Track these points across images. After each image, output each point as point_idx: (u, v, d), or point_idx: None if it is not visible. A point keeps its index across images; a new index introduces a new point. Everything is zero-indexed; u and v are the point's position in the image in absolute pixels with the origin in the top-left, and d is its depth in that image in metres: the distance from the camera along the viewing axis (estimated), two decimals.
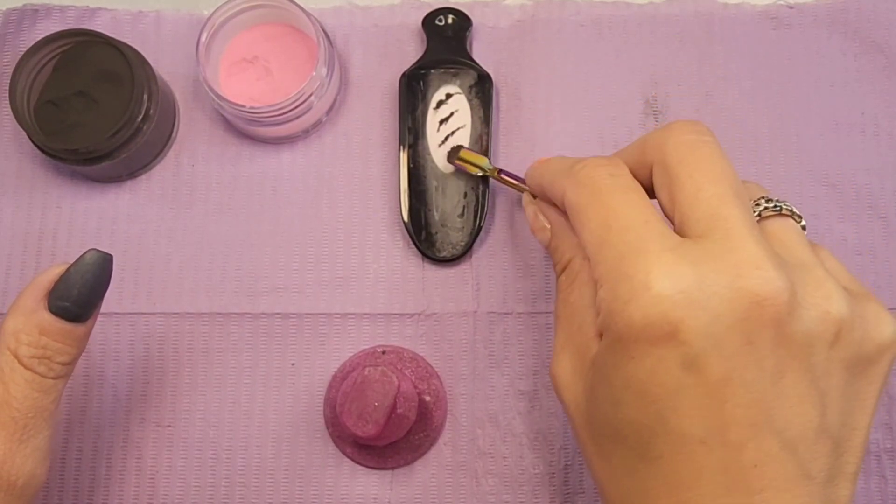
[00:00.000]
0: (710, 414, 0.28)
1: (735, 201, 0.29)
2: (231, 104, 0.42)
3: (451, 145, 0.44)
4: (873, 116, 0.45)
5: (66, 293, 0.32)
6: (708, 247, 0.28)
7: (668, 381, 0.28)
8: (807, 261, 0.30)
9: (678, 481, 0.28)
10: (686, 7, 0.47)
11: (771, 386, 0.28)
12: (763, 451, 0.27)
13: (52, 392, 0.33)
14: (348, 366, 0.43)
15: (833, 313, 0.28)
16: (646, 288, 0.28)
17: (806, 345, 0.28)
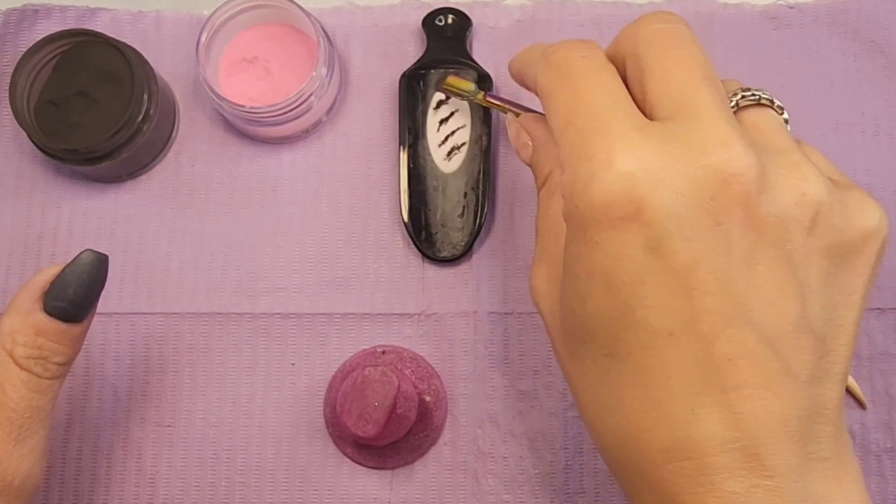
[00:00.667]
0: (677, 303, 0.26)
1: (704, 83, 0.28)
2: (231, 104, 0.42)
3: (451, 145, 0.44)
4: (873, 116, 0.45)
5: (61, 293, 0.32)
6: (674, 127, 0.27)
7: (632, 266, 0.26)
8: (786, 147, 0.28)
9: (649, 379, 0.27)
10: (686, 7, 0.47)
11: (743, 273, 0.26)
12: (737, 344, 0.26)
13: (48, 392, 0.33)
14: (348, 366, 0.43)
15: (810, 195, 0.27)
16: (607, 166, 0.26)
17: (780, 229, 0.26)
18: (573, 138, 0.28)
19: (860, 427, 0.43)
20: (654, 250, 0.26)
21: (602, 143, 0.27)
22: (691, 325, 0.26)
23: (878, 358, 0.43)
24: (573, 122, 0.28)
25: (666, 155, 0.26)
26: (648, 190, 0.26)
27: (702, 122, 0.27)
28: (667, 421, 0.26)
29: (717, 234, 0.26)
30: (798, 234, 0.27)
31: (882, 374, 0.43)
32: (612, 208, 0.26)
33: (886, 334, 0.43)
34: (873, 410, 0.43)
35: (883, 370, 0.43)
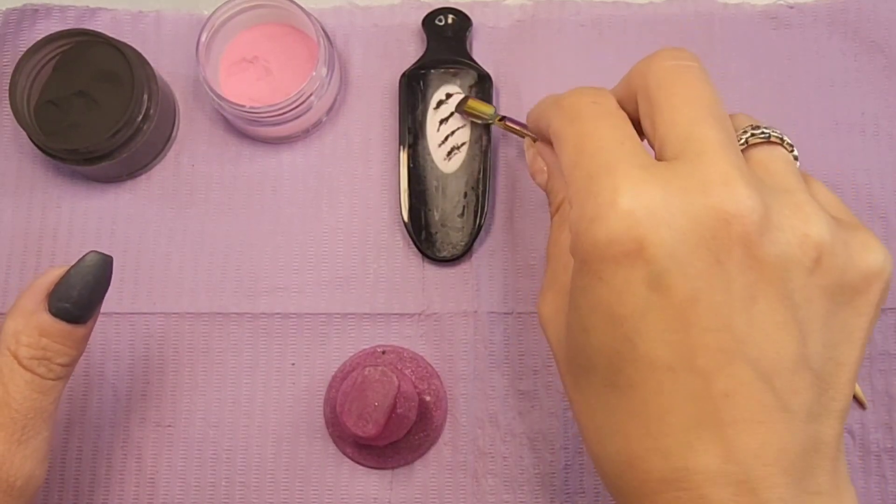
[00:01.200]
0: (677, 338, 0.27)
1: (711, 122, 0.28)
2: (231, 104, 0.42)
3: (451, 145, 0.44)
4: (873, 116, 0.45)
5: (66, 295, 0.33)
6: (679, 166, 0.27)
7: (634, 301, 0.27)
8: (791, 187, 0.29)
9: (648, 411, 0.27)
10: (686, 7, 0.47)
11: (742, 311, 0.27)
12: (735, 380, 0.26)
13: (51, 393, 0.33)
14: (348, 366, 0.43)
15: (812, 236, 0.27)
16: (611, 205, 0.27)
17: (781, 269, 0.27)
18: (580, 176, 0.29)
19: (860, 427, 0.43)
20: (655, 286, 0.27)
21: (607, 182, 0.27)
22: (690, 360, 0.27)
23: (878, 358, 0.43)
24: (580, 161, 0.29)
25: (668, 194, 0.27)
26: (650, 228, 0.26)
27: (705, 162, 0.27)
28: (664, 452, 0.27)
29: (716, 271, 0.26)
30: (799, 274, 0.27)
31: (882, 374, 0.43)
32: (615, 246, 0.27)
33: (886, 334, 0.43)
34: (873, 410, 0.43)
35: (883, 370, 0.43)
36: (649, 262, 0.26)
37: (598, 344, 0.28)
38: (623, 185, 0.27)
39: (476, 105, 0.43)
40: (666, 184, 0.27)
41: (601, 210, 0.27)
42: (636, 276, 0.27)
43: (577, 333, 0.29)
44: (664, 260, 0.26)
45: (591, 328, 0.28)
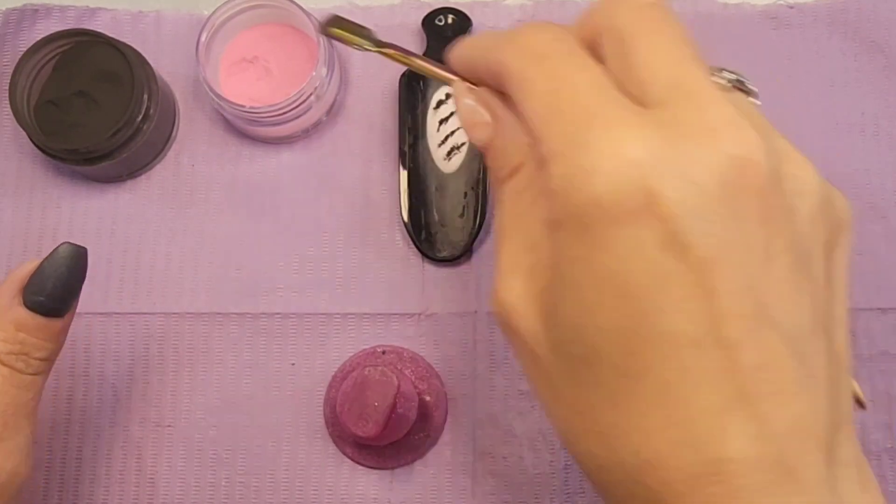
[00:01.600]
0: (700, 306, 0.23)
1: (697, 63, 0.25)
2: (231, 104, 0.42)
3: (451, 145, 0.44)
4: (873, 116, 0.45)
5: (40, 287, 0.32)
6: (675, 111, 0.24)
7: (648, 267, 0.23)
8: (772, 132, 0.26)
9: (671, 398, 0.24)
10: (686, 7, 0.47)
11: (762, 270, 0.24)
12: (765, 350, 0.23)
13: (31, 388, 0.33)
14: (348, 366, 0.43)
15: (811, 184, 0.25)
16: (612, 154, 0.23)
17: (791, 220, 0.24)
18: (562, 127, 0.25)
19: (860, 427, 0.43)
20: (671, 247, 0.23)
21: (601, 129, 0.24)
22: (716, 331, 0.23)
23: (878, 358, 0.43)
24: (559, 108, 0.25)
25: (675, 141, 0.23)
26: (660, 179, 0.23)
27: (705, 105, 0.24)
28: (695, 443, 0.24)
29: (735, 225, 0.23)
30: (805, 225, 0.25)
31: (882, 374, 0.43)
32: (622, 203, 0.23)
33: (886, 334, 0.43)
34: (873, 410, 0.43)
35: (883, 370, 0.43)
36: (663, 218, 0.23)
37: (604, 325, 0.24)
38: (623, 130, 0.23)
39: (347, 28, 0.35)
40: (669, 129, 0.24)
41: (599, 161, 0.23)
42: (648, 236, 0.23)
43: (576, 317, 0.25)
44: (680, 215, 0.23)
45: (597, 307, 0.24)
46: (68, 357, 0.43)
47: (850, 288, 0.39)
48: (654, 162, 0.23)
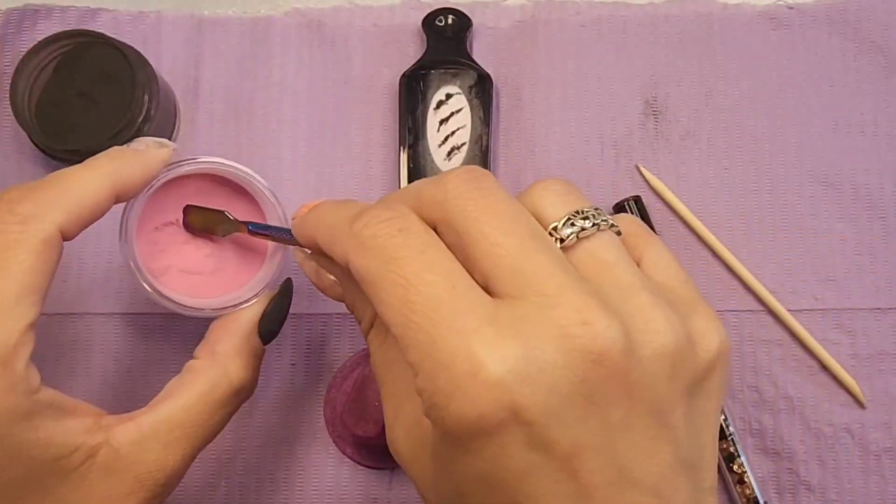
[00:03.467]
0: (565, 487, 0.25)
1: (535, 245, 0.26)
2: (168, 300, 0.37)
3: (451, 145, 0.44)
4: (873, 116, 0.45)
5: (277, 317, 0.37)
6: (525, 309, 0.25)
7: (514, 465, 0.25)
8: (630, 283, 0.27)
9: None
10: (686, 7, 0.47)
11: (620, 440, 0.25)
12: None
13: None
14: (348, 366, 0.43)
15: (665, 346, 0.26)
16: (471, 376, 0.24)
17: (648, 387, 0.26)
18: (418, 339, 0.25)
19: (860, 427, 0.43)
20: (536, 446, 0.25)
21: (457, 347, 0.24)
22: (583, 501, 0.25)
23: (878, 358, 0.43)
24: (411, 320, 0.25)
25: (528, 347, 0.24)
26: (520, 391, 0.24)
27: (552, 299, 0.25)
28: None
29: (593, 412, 0.25)
30: (662, 385, 0.26)
31: (881, 374, 0.43)
32: (486, 420, 0.24)
33: (886, 334, 0.43)
34: (873, 410, 0.43)
35: (882, 370, 0.43)
36: (526, 424, 0.24)
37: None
38: (478, 349, 0.24)
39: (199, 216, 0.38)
40: (520, 334, 0.25)
41: (460, 384, 0.24)
42: (513, 441, 0.25)
43: (453, 497, 0.27)
44: (541, 419, 0.24)
45: (468, 494, 0.26)
46: (68, 357, 0.43)
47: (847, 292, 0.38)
48: (513, 376, 0.24)
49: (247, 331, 0.36)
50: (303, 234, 0.31)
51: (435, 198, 0.27)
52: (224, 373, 0.34)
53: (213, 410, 0.34)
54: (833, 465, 0.42)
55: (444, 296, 0.25)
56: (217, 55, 0.46)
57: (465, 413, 0.24)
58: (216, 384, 0.34)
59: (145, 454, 0.32)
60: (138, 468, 0.31)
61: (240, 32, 0.46)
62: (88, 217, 0.32)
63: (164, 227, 0.39)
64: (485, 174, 0.28)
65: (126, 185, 0.34)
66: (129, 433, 0.32)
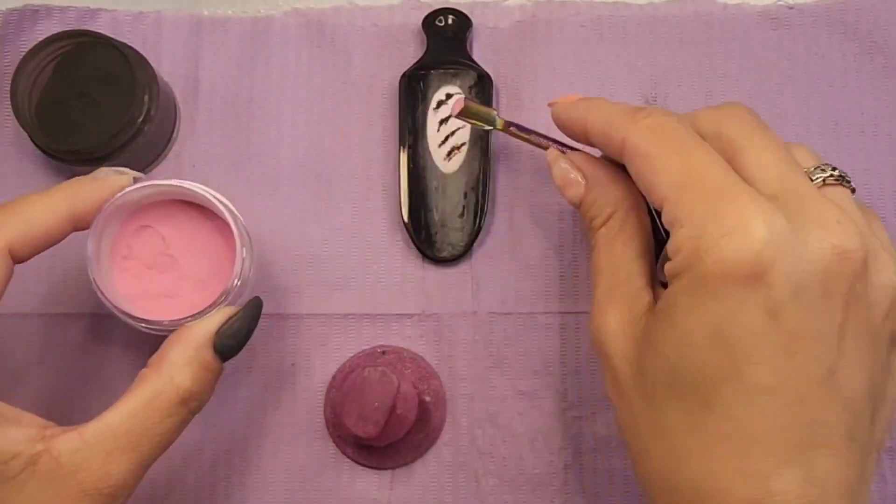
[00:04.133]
0: (781, 364, 0.28)
1: (799, 169, 0.31)
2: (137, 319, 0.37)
3: (451, 145, 0.44)
4: (873, 116, 0.45)
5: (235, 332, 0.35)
6: (787, 205, 0.29)
7: (748, 324, 0.28)
8: (864, 229, 0.31)
9: (740, 433, 0.28)
10: (686, 7, 0.47)
11: (835, 343, 0.28)
12: (824, 408, 0.28)
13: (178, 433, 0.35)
14: (348, 366, 0.43)
15: (893, 283, 0.30)
16: (741, 226, 0.28)
17: (868, 309, 0.29)
18: (694, 197, 0.29)
19: None
20: (771, 312, 0.28)
21: (732, 203, 0.28)
22: (789, 385, 0.28)
23: None
24: (690, 182, 0.30)
25: (794, 224, 0.28)
26: (777, 254, 0.28)
27: (812, 202, 0.29)
28: (752, 474, 0.28)
29: (824, 304, 0.28)
30: (878, 316, 0.30)
31: None
32: (742, 267, 0.28)
33: None
34: None
35: None
36: (771, 287, 0.28)
37: (696, 362, 0.29)
38: (751, 208, 0.28)
39: (476, 108, 0.41)
40: (787, 215, 0.28)
41: (729, 231, 0.28)
42: (755, 298, 0.28)
43: (670, 350, 0.30)
44: (785, 288, 0.28)
45: (693, 346, 0.29)
46: (68, 357, 0.43)
47: None
48: (774, 240, 0.28)
49: (197, 341, 0.34)
50: (571, 116, 0.36)
51: (713, 116, 0.33)
52: (169, 381, 0.33)
53: (159, 418, 0.33)
54: None
55: (720, 171, 0.30)
56: (217, 55, 0.46)
57: (727, 256, 0.28)
58: (160, 392, 0.33)
59: (87, 463, 0.31)
60: (80, 477, 0.31)
61: (239, 32, 0.46)
62: (40, 239, 0.34)
63: (135, 254, 0.39)
64: (752, 110, 0.33)
65: (82, 210, 0.35)
66: (71, 442, 0.31)
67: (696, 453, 0.29)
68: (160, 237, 0.39)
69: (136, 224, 0.39)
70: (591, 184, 0.36)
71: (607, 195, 0.35)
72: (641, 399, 0.31)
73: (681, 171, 0.30)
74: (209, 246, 0.39)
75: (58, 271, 0.44)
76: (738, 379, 0.28)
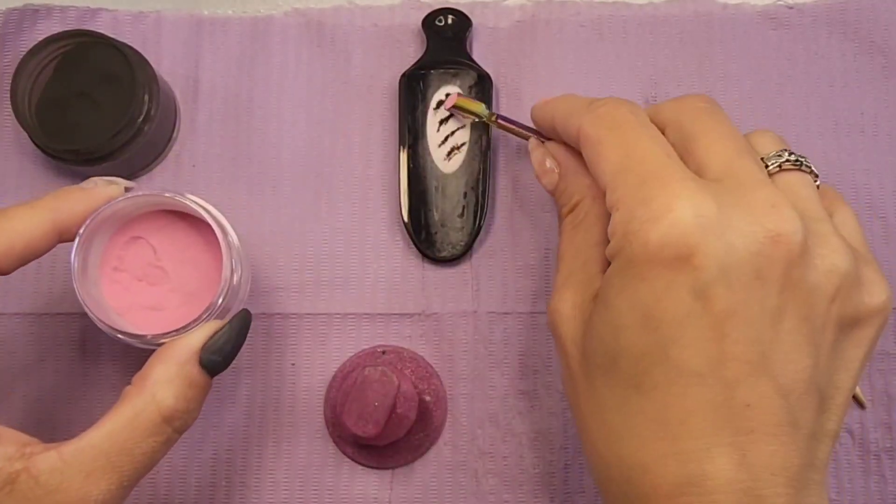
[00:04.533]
0: (710, 347, 0.28)
1: (748, 155, 0.31)
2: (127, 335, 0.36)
3: (451, 145, 0.44)
4: (873, 116, 0.45)
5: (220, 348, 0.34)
6: (726, 185, 0.29)
7: (675, 307, 0.28)
8: (819, 215, 0.30)
9: (669, 416, 0.28)
10: (686, 7, 0.47)
11: (770, 327, 0.28)
12: (757, 393, 0.28)
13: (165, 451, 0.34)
14: (348, 366, 0.43)
15: (839, 267, 0.29)
16: (667, 210, 0.28)
17: (809, 293, 0.29)
18: (630, 181, 0.30)
19: (860, 427, 0.43)
20: (699, 294, 0.28)
21: (662, 188, 0.29)
22: (719, 368, 0.28)
23: (878, 358, 0.43)
24: (628, 167, 0.30)
25: (721, 208, 0.28)
26: (703, 237, 0.28)
27: (752, 185, 0.29)
28: (682, 456, 0.28)
29: (756, 287, 0.28)
30: (822, 301, 0.29)
31: (882, 374, 0.43)
32: (667, 250, 0.28)
33: (886, 334, 0.43)
34: (873, 410, 0.43)
35: (883, 370, 0.43)
36: (697, 270, 0.28)
37: (627, 343, 0.29)
38: (680, 192, 0.28)
39: (467, 103, 0.43)
40: (718, 198, 0.28)
41: (657, 214, 0.28)
42: (682, 281, 0.28)
43: (605, 331, 0.30)
44: (712, 269, 0.27)
45: (623, 327, 0.29)
46: (68, 357, 0.43)
47: None
48: (701, 222, 0.28)
49: (182, 358, 0.33)
50: (541, 114, 0.38)
51: (675, 105, 0.33)
52: (151, 399, 0.32)
53: (140, 438, 0.32)
54: (833, 465, 0.43)
55: (659, 156, 0.30)
56: (217, 55, 0.46)
57: (652, 239, 0.28)
58: (141, 411, 0.32)
59: (66, 483, 0.30)
60: (59, 497, 0.30)
61: (239, 32, 0.46)
62: (23, 251, 0.33)
63: (125, 266, 0.38)
64: (716, 102, 0.33)
65: (67, 222, 0.35)
66: (50, 461, 0.31)
67: (628, 433, 0.29)
68: (151, 249, 0.39)
69: (128, 235, 0.38)
70: (563, 172, 0.37)
71: (576, 183, 0.36)
72: (585, 380, 0.31)
73: (621, 157, 0.31)
74: (201, 259, 0.39)
75: (59, 272, 0.44)
76: (666, 361, 0.28)
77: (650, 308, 0.28)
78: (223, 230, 0.37)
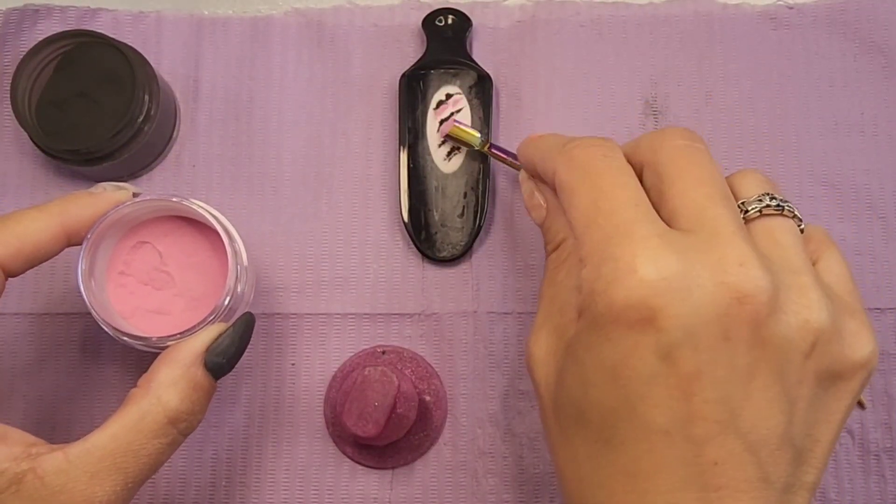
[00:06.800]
0: (677, 406, 0.27)
1: (723, 203, 0.29)
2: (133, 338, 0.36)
3: (451, 145, 0.44)
4: (873, 116, 0.45)
5: (224, 350, 0.35)
6: (695, 239, 0.28)
7: (640, 367, 0.28)
8: (798, 266, 0.30)
9: (637, 470, 0.28)
10: (686, 7, 0.47)
11: (741, 386, 0.28)
12: (725, 450, 0.27)
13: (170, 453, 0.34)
14: (348, 366, 0.43)
15: (812, 322, 0.28)
16: (630, 270, 0.27)
17: (781, 350, 0.28)
18: (596, 237, 0.29)
19: (860, 427, 0.43)
20: (664, 356, 0.27)
21: (626, 246, 0.28)
22: (686, 427, 0.27)
23: (878, 358, 0.43)
24: (596, 220, 0.29)
25: (686, 266, 0.27)
26: (666, 299, 0.27)
27: (721, 240, 0.28)
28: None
29: (723, 347, 0.27)
30: (796, 357, 0.28)
31: (881, 374, 0.43)
32: (631, 311, 0.27)
33: (886, 334, 0.43)
34: (873, 410, 0.43)
35: (882, 370, 0.43)
36: (661, 331, 0.27)
37: (595, 399, 0.29)
38: (643, 252, 0.28)
39: (461, 133, 0.43)
40: (683, 255, 0.28)
41: (619, 274, 0.28)
42: (646, 342, 0.27)
43: (575, 386, 0.30)
44: (676, 331, 0.27)
45: (591, 384, 0.29)
46: (68, 357, 0.43)
47: None
48: (664, 283, 0.27)
49: (187, 360, 0.34)
50: (524, 154, 0.37)
51: (653, 143, 0.31)
52: (157, 402, 0.32)
53: (145, 440, 0.32)
54: (833, 465, 0.43)
55: (628, 208, 0.29)
56: (217, 55, 0.46)
57: (616, 300, 0.28)
58: (147, 413, 0.32)
59: (71, 484, 0.31)
60: (64, 498, 0.30)
61: (239, 32, 0.46)
62: (32, 253, 0.34)
63: (132, 270, 0.39)
64: (699, 137, 0.32)
65: (75, 226, 0.35)
66: (56, 462, 0.31)
67: (598, 485, 0.29)
68: (157, 253, 0.39)
69: (135, 240, 0.39)
70: (549, 208, 0.36)
71: (560, 221, 0.35)
72: (557, 426, 0.31)
73: (590, 208, 0.30)
74: (206, 264, 0.39)
75: (59, 272, 0.44)
76: (634, 418, 0.28)
77: (617, 367, 0.28)
78: (229, 236, 0.37)
